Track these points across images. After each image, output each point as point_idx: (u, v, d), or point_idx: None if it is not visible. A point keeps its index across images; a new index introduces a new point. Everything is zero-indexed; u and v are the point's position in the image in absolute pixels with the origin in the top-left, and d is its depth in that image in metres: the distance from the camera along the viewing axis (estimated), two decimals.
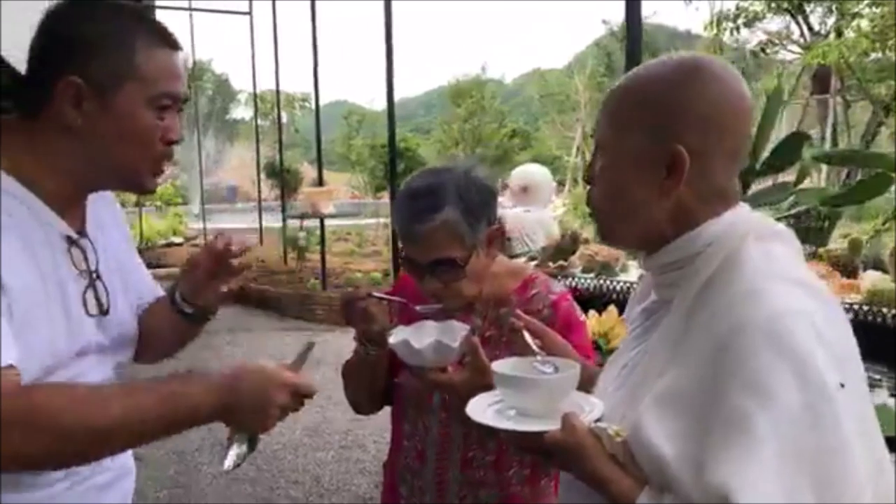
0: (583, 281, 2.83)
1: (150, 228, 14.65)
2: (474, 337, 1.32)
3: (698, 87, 0.92)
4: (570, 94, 29.85)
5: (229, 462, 1.11)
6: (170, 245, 14.36)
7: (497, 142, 28.97)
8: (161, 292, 1.35)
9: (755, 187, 2.56)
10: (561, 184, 20.87)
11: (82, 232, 1.14)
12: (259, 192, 13.76)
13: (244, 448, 1.11)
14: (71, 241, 1.10)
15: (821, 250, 2.48)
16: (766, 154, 2.48)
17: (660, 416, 0.85)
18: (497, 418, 1.04)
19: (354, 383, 1.58)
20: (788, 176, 2.51)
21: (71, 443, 0.95)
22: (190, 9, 9.14)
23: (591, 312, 2.63)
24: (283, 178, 11.45)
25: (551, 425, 0.93)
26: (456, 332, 1.32)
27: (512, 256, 3.64)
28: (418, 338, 1.31)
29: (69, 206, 1.11)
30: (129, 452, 1.23)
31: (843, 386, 0.78)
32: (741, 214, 0.95)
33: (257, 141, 13.61)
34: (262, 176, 14.65)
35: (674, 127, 0.91)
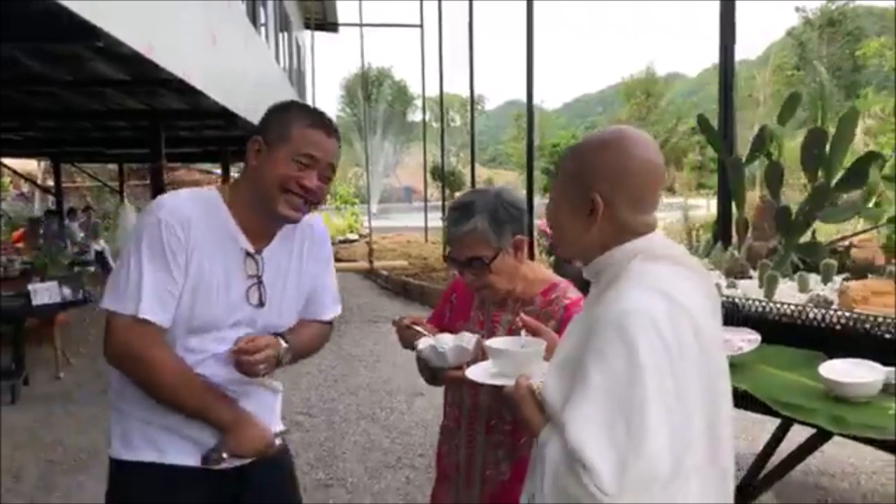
0: None
1: (330, 226, 16.17)
2: (485, 340, 1.71)
3: (610, 153, 1.25)
4: (752, 91, 27.99)
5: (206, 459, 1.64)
6: (346, 241, 15.80)
7: (671, 142, 27.91)
8: (327, 316, 1.88)
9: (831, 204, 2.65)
10: None
11: (259, 250, 1.68)
12: (425, 192, 14.67)
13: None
14: (247, 254, 1.67)
15: (889, 267, 2.52)
16: (841, 173, 2.57)
17: (554, 376, 1.23)
18: (480, 375, 1.47)
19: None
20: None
21: (151, 387, 1.58)
22: (361, 24, 10.12)
23: None
24: (445, 180, 12.15)
25: (510, 382, 1.33)
26: (469, 338, 1.72)
27: None
28: (440, 343, 1.70)
29: (255, 231, 1.68)
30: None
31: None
32: (642, 241, 1.26)
33: (424, 144, 14.52)
34: (430, 178, 15.61)
35: (593, 181, 1.25)
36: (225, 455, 1.63)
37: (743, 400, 2.21)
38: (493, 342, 1.51)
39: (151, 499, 1.64)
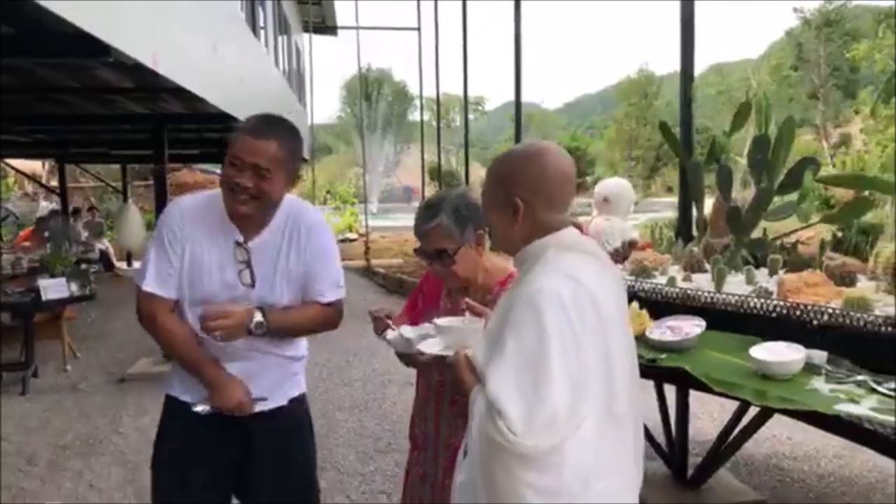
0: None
1: (329, 225, 16.40)
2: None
3: (530, 164, 1.52)
4: (748, 92, 28.20)
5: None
6: (345, 241, 16.05)
7: (660, 144, 28.09)
8: (324, 299, 2.13)
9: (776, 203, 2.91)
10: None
11: (247, 239, 2.01)
12: (423, 192, 14.92)
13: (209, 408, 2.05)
14: (237, 244, 2.01)
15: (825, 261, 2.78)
16: (781, 176, 2.83)
17: (481, 344, 1.51)
18: (430, 348, 1.74)
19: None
20: None
21: (160, 344, 2.13)
22: (358, 27, 10.40)
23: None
24: (441, 180, 12.40)
25: (452, 353, 1.62)
26: (430, 327, 1.94)
27: None
28: (405, 332, 1.96)
29: (242, 222, 1.99)
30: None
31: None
32: (556, 236, 1.51)
33: (422, 144, 14.78)
34: (429, 178, 15.87)
35: (515, 186, 1.52)
36: (210, 406, 2.04)
37: (684, 378, 2.49)
38: (440, 321, 1.79)
39: (174, 422, 2.15)
